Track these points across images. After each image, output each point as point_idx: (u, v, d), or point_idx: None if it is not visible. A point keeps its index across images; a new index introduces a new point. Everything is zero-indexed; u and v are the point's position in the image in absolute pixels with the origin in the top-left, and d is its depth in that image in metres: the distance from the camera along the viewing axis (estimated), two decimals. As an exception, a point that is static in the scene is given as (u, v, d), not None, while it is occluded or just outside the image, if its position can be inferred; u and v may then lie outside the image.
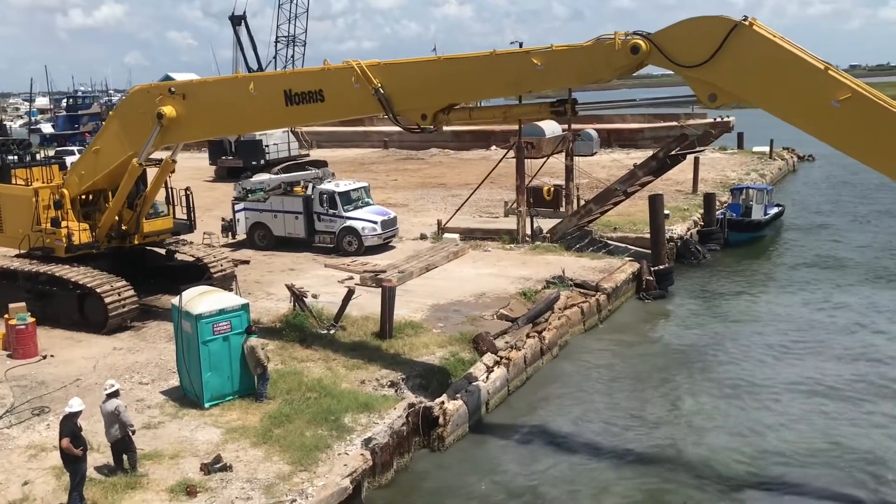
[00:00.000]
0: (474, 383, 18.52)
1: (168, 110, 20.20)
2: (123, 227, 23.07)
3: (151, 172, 22.94)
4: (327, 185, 31.41)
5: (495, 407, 18.94)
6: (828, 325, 24.75)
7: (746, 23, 13.92)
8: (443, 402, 17.31)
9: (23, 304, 20.64)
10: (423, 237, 33.00)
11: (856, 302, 27.10)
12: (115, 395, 13.92)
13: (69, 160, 33.59)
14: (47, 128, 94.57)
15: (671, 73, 15.41)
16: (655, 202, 29.80)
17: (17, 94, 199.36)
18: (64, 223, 22.16)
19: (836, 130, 13.81)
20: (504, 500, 15.09)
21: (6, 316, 20.28)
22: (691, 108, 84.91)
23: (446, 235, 32.40)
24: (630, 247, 32.00)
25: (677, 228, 34.50)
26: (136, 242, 23.56)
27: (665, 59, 14.71)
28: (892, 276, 30.22)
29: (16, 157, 24.53)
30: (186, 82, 21.59)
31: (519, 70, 16.16)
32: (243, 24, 74.97)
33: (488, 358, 19.74)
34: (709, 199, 36.39)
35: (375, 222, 30.68)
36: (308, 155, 54.84)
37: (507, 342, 20.92)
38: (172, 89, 20.45)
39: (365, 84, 17.34)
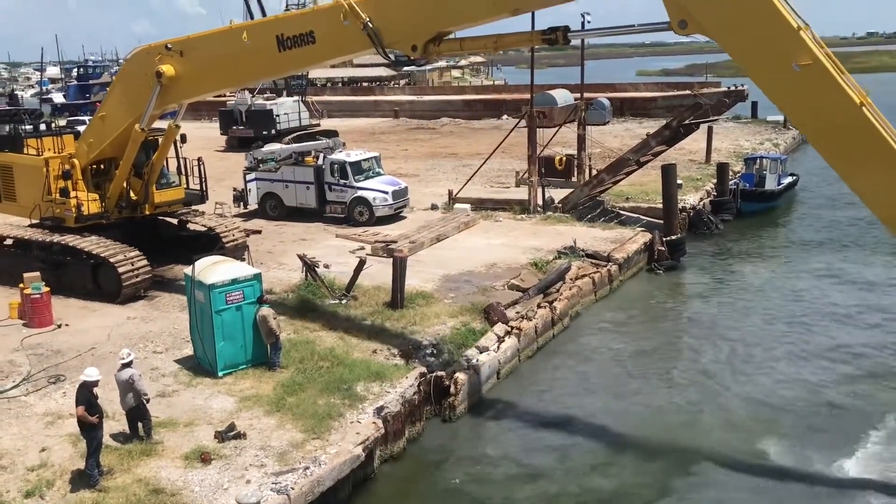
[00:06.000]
0: (485, 353, 18.60)
1: (167, 68, 20.15)
2: (133, 197, 23.12)
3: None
4: (338, 155, 31.35)
5: (506, 376, 19.05)
6: (840, 296, 24.63)
7: None
8: (454, 372, 17.42)
9: (37, 273, 20.80)
10: (433, 207, 32.95)
11: (869, 272, 26.97)
12: (129, 364, 14.05)
13: (81, 130, 33.59)
14: (58, 97, 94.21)
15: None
16: (668, 172, 29.61)
17: (28, 63, 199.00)
18: (73, 193, 22.22)
19: (788, 94, 13.47)
20: (514, 469, 15.23)
21: (21, 285, 20.45)
22: (705, 76, 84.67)
23: (457, 206, 32.33)
24: (642, 217, 31.86)
25: (690, 198, 34.32)
26: (147, 212, 23.61)
27: None
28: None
29: (30, 127, 24.58)
30: (183, 38, 21.34)
31: None
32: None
33: (499, 328, 19.81)
34: (722, 168, 36.15)
35: (386, 192, 30.64)
36: (318, 125, 54.68)
37: (518, 312, 20.96)
38: (169, 46, 20.39)
39: (354, 20, 17.13)
